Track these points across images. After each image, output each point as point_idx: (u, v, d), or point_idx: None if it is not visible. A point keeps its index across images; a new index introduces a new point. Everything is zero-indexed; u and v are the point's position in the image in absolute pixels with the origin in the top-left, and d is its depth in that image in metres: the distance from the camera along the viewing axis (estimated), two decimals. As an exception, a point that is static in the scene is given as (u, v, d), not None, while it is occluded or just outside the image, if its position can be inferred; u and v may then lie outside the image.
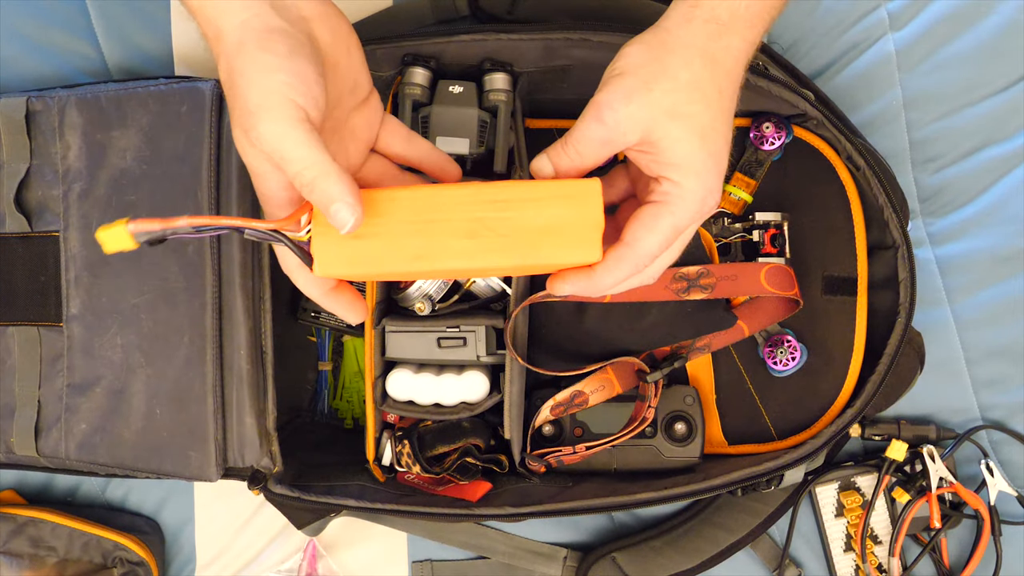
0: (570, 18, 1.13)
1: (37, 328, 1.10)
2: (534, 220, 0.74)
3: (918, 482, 1.15)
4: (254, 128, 0.70)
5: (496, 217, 0.74)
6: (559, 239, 0.74)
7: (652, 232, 0.75)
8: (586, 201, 0.74)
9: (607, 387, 1.10)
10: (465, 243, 0.74)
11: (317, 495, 1.06)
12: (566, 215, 0.74)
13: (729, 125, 0.77)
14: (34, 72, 1.22)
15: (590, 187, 0.75)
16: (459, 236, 0.74)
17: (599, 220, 0.74)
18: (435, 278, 1.01)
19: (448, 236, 0.74)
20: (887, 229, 1.05)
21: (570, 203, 0.74)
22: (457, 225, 0.74)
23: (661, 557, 1.16)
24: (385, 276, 0.79)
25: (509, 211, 0.74)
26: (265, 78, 0.69)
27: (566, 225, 0.74)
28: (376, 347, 1.07)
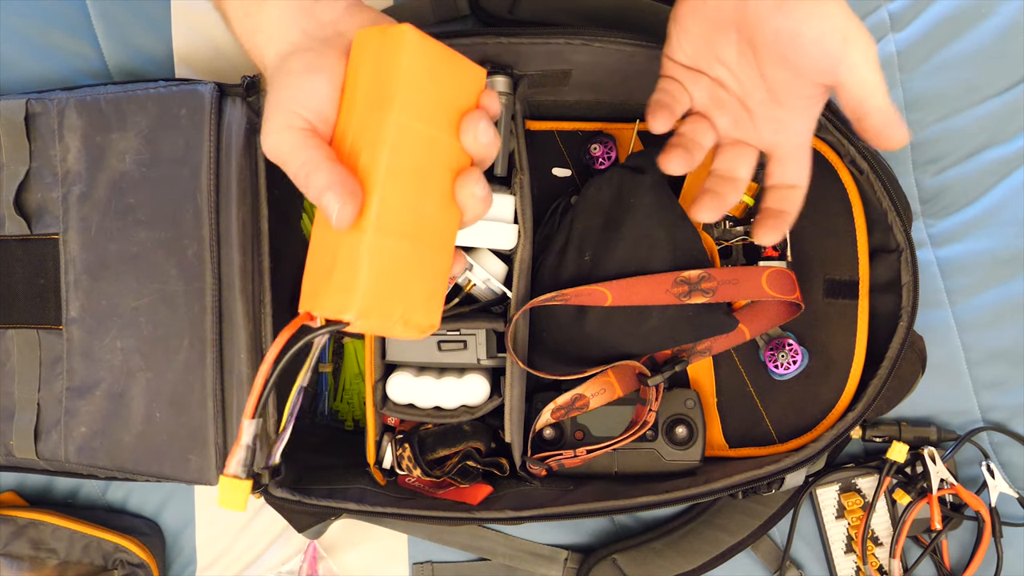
0: (571, 18, 1.13)
1: (36, 331, 1.10)
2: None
3: (919, 484, 1.15)
4: (262, 137, 0.74)
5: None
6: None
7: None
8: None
9: (608, 390, 1.10)
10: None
11: (318, 498, 1.06)
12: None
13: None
14: (34, 73, 1.21)
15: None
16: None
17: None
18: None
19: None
20: (890, 233, 1.05)
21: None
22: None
23: (662, 559, 1.16)
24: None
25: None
26: (276, 94, 0.74)
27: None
28: (376, 350, 1.07)
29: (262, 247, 1.07)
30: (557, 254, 1.08)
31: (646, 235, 1.05)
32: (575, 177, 1.16)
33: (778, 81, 0.82)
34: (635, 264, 1.05)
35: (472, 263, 1.07)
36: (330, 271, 0.72)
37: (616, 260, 1.05)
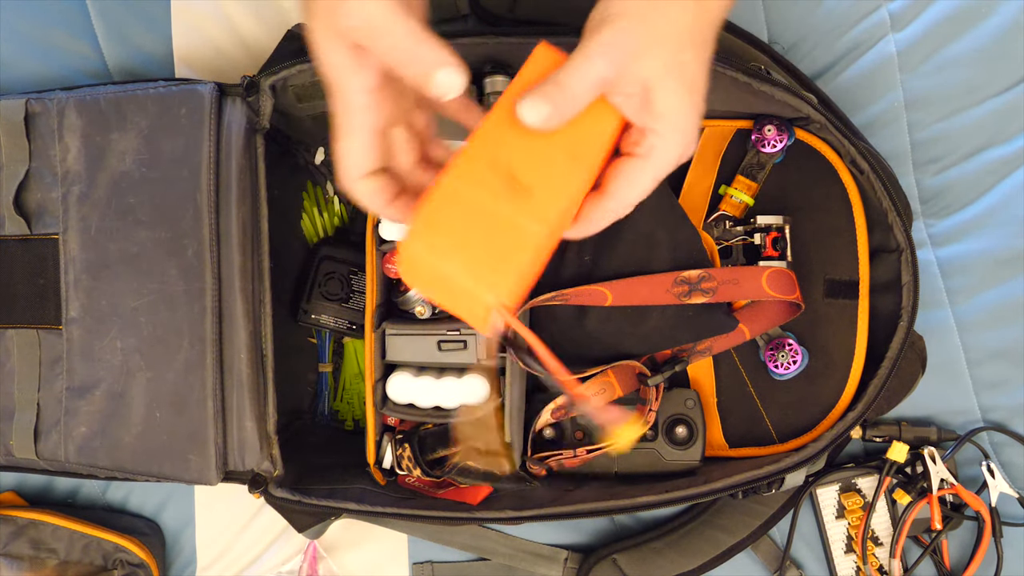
0: (571, 17, 1.13)
1: (36, 331, 1.10)
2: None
3: (919, 484, 1.15)
4: (345, 5, 0.68)
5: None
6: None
7: (635, 186, 0.75)
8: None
9: (608, 390, 1.10)
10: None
11: (318, 499, 1.06)
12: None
13: (706, 75, 0.75)
14: (34, 72, 1.21)
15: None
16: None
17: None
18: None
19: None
20: (891, 233, 1.05)
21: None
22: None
23: (662, 558, 1.16)
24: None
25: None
26: None
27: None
28: (376, 350, 1.07)
29: (262, 247, 1.07)
30: (557, 255, 1.07)
31: (646, 235, 1.04)
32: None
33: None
34: (635, 264, 1.05)
35: (472, 263, 1.07)
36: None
37: (616, 260, 1.05)
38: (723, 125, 1.10)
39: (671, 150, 0.74)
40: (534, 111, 0.70)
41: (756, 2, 1.19)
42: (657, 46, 0.71)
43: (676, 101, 0.72)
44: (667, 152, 0.74)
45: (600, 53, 0.70)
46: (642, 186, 0.75)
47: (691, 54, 0.72)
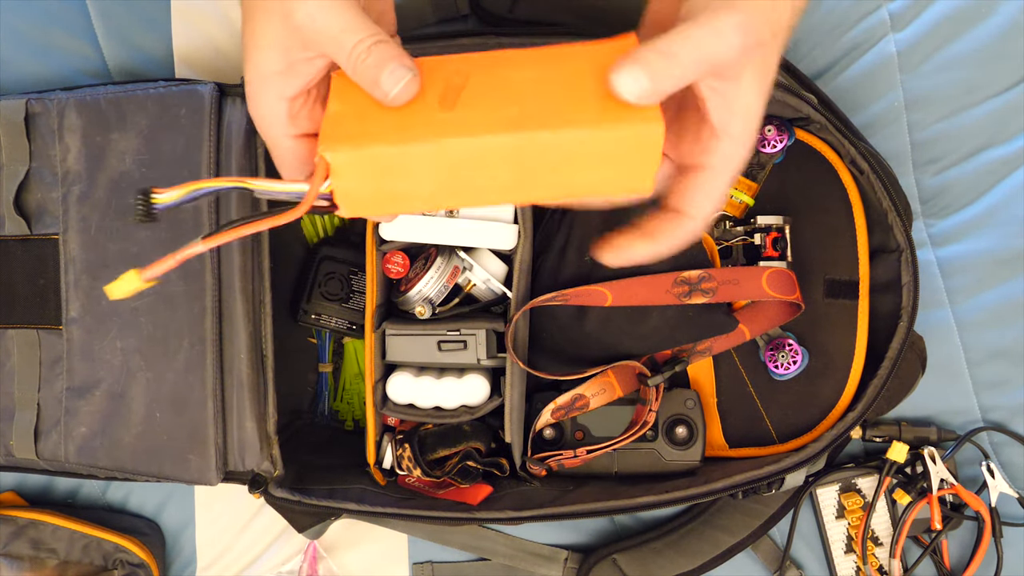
0: (572, 17, 1.13)
1: (36, 331, 1.10)
2: (583, 148, 0.65)
3: (919, 484, 1.15)
4: (293, 12, 0.66)
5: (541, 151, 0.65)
6: (610, 170, 0.66)
7: (711, 200, 0.70)
8: (646, 134, 0.64)
9: (608, 390, 1.10)
10: (503, 179, 0.66)
11: (318, 499, 1.06)
12: (620, 146, 0.65)
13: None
14: (34, 73, 1.21)
15: (653, 121, 0.64)
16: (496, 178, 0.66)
17: (657, 157, 0.66)
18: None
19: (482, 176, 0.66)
20: (891, 233, 1.05)
21: (627, 135, 0.64)
22: (496, 173, 0.66)
23: (662, 558, 1.16)
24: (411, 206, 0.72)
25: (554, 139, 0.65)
26: None
27: (619, 156, 0.65)
28: (376, 350, 1.07)
29: (262, 247, 1.07)
30: (557, 254, 1.08)
31: (646, 236, 1.04)
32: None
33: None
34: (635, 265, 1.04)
35: (472, 263, 1.07)
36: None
37: (616, 261, 1.05)
38: (723, 125, 1.10)
39: (738, 159, 0.69)
40: (633, 81, 0.64)
41: (756, 2, 1.19)
42: (768, 41, 0.66)
43: (752, 98, 0.67)
44: (735, 162, 0.69)
45: (711, 28, 0.64)
46: (716, 200, 0.70)
47: (775, 55, 0.68)
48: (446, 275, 1.07)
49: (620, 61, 0.64)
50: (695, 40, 0.64)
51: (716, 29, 0.64)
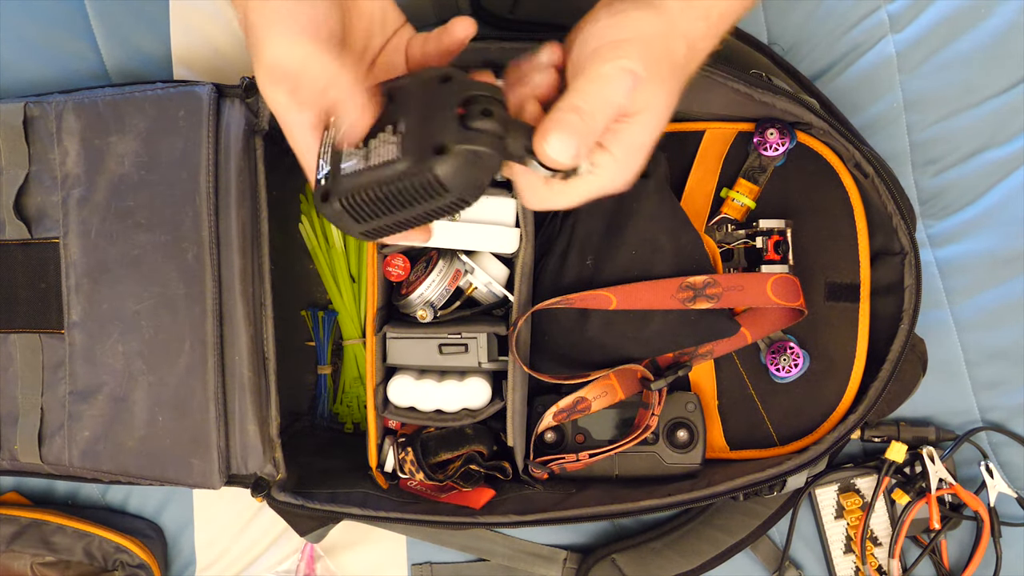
0: (573, 18, 1.13)
1: (39, 335, 1.09)
2: None
3: (918, 484, 1.15)
4: (264, 46, 0.70)
5: None
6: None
7: (566, 195, 0.73)
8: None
9: (610, 393, 1.10)
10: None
11: (320, 503, 1.06)
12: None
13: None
14: (32, 74, 1.21)
15: None
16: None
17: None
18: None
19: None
20: (895, 235, 1.05)
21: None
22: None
23: (661, 559, 1.17)
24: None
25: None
26: (266, 4, 0.70)
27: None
28: (377, 353, 1.07)
29: (262, 249, 1.07)
30: (559, 258, 1.08)
31: (649, 240, 1.04)
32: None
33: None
34: (638, 269, 1.05)
35: (474, 266, 1.07)
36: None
37: (619, 265, 1.05)
38: (725, 128, 1.10)
39: (616, 177, 0.73)
40: (564, 150, 0.69)
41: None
42: (663, 81, 0.72)
43: (648, 137, 0.73)
44: (611, 178, 0.73)
45: (626, 84, 0.70)
46: (570, 199, 0.74)
47: (675, 97, 0.74)
48: (448, 278, 1.06)
49: (541, 129, 0.69)
50: (592, 91, 0.70)
51: (602, 76, 0.70)
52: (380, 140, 0.70)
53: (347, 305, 1.19)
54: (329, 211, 0.70)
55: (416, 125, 0.69)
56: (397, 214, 0.70)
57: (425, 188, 0.68)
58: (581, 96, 0.70)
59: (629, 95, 0.70)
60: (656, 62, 0.71)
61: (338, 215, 0.70)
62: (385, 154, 0.69)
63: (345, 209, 0.70)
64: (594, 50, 0.71)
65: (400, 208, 0.70)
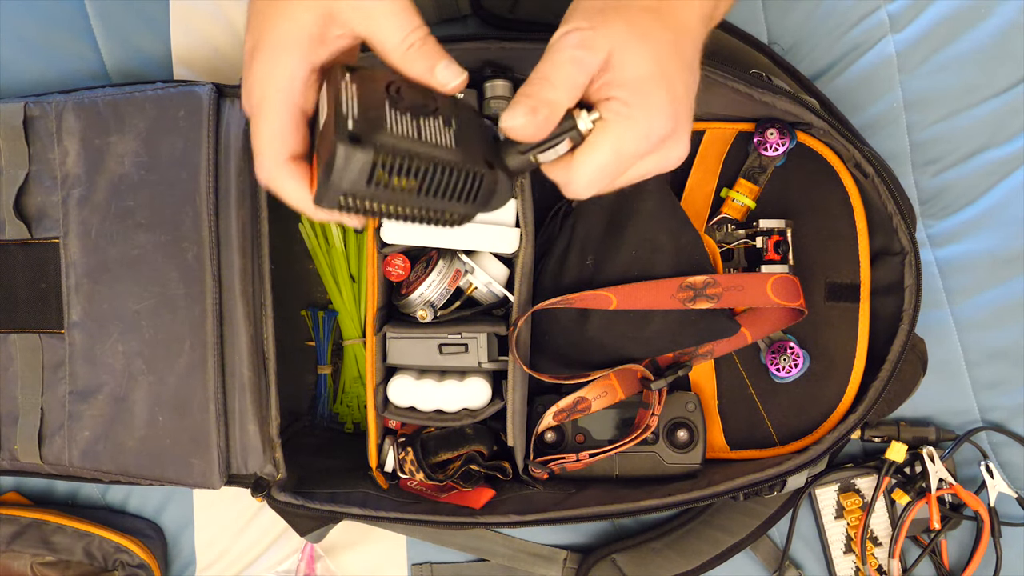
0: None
1: (39, 335, 1.09)
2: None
3: (918, 484, 1.15)
4: (346, 9, 0.69)
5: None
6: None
7: (592, 154, 0.71)
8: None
9: (610, 393, 1.10)
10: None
11: (321, 503, 1.06)
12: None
13: (693, 81, 0.73)
14: (32, 74, 1.21)
15: None
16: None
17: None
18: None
19: None
20: (895, 236, 1.05)
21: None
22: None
23: (661, 558, 1.17)
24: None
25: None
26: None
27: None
28: (377, 353, 1.07)
29: (262, 249, 1.07)
30: (559, 258, 1.08)
31: (649, 240, 1.04)
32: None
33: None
34: (638, 268, 1.05)
35: (474, 266, 1.07)
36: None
37: (619, 265, 1.05)
38: (725, 128, 1.10)
39: (636, 119, 0.70)
40: (514, 115, 0.69)
41: (756, 3, 1.19)
42: (626, 17, 0.69)
43: (643, 70, 0.69)
44: (630, 121, 0.70)
45: (563, 34, 0.69)
46: (594, 159, 0.71)
47: (667, 34, 0.71)
48: (448, 278, 1.06)
49: (503, 115, 0.69)
50: (543, 62, 0.69)
51: (551, 47, 0.69)
52: (432, 124, 0.68)
53: (347, 305, 1.19)
54: (347, 154, 0.65)
55: (465, 130, 0.69)
56: (404, 198, 0.68)
57: (463, 189, 0.68)
58: (535, 71, 0.69)
59: (576, 45, 0.68)
60: (600, 11, 0.69)
61: (354, 164, 0.65)
62: (439, 138, 0.68)
63: (372, 163, 0.66)
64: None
65: (422, 192, 0.68)
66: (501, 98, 1.04)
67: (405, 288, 1.09)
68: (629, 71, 0.69)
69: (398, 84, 0.71)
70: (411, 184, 0.67)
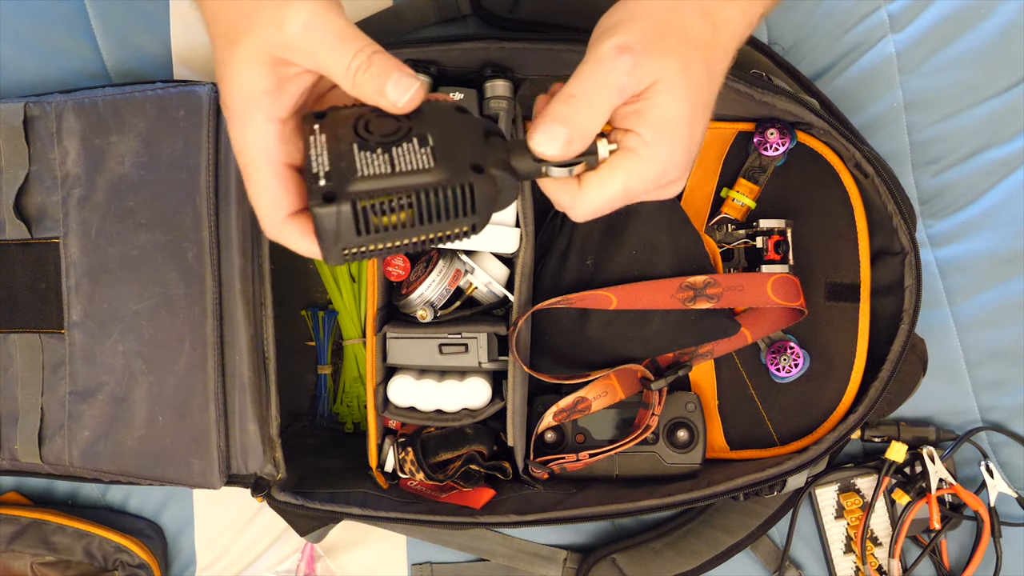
0: (573, 18, 1.13)
1: (39, 335, 1.09)
2: None
3: (918, 484, 1.15)
4: (287, 21, 0.65)
5: None
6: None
7: (601, 187, 0.70)
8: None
9: (610, 393, 1.10)
10: None
11: (321, 503, 1.06)
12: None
13: (709, 117, 0.72)
14: (32, 74, 1.21)
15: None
16: None
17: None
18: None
19: None
20: (895, 236, 1.05)
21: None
22: None
23: (661, 559, 1.17)
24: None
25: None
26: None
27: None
28: (377, 353, 1.07)
29: (262, 249, 1.07)
30: (559, 258, 1.08)
31: (649, 240, 1.05)
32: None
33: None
34: (638, 269, 1.05)
35: (474, 266, 1.07)
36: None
37: (619, 265, 1.05)
38: (725, 128, 1.10)
39: (653, 161, 0.69)
40: (550, 140, 0.67)
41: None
42: (672, 49, 0.68)
43: (677, 111, 0.68)
44: (647, 162, 0.69)
45: (614, 58, 0.66)
46: (609, 191, 0.70)
47: (703, 69, 0.69)
48: (448, 278, 1.06)
49: (532, 127, 0.67)
50: (593, 77, 0.67)
51: (600, 59, 0.67)
52: (405, 149, 0.66)
53: (347, 305, 1.19)
54: (327, 216, 0.64)
55: (443, 142, 0.67)
56: (403, 231, 0.66)
57: (456, 203, 0.66)
58: (574, 82, 0.68)
59: (627, 72, 0.66)
60: (658, 35, 0.68)
61: (339, 222, 0.65)
62: (416, 162, 0.66)
63: (355, 214, 0.65)
64: (596, 37, 0.69)
65: (420, 221, 0.66)
66: (501, 98, 1.04)
67: (405, 288, 1.09)
68: (662, 111, 0.68)
69: (366, 118, 0.68)
70: (405, 217, 0.66)
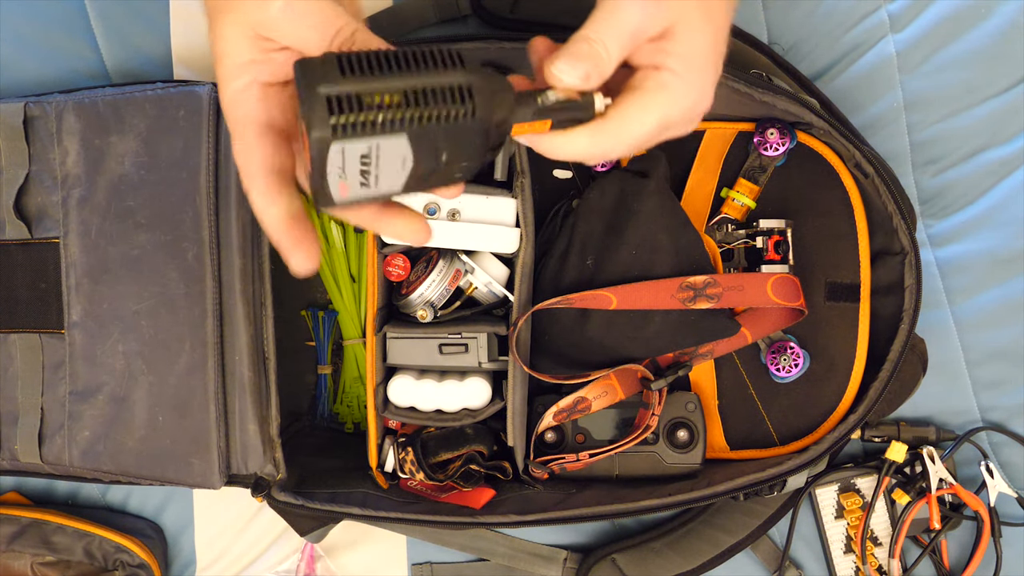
0: (573, 18, 1.12)
1: (39, 335, 1.09)
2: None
3: (918, 483, 1.15)
4: (267, 4, 0.64)
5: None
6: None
7: (634, 121, 0.69)
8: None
9: (610, 393, 1.10)
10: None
11: (321, 503, 1.06)
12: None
13: (727, 44, 0.72)
14: (33, 74, 1.21)
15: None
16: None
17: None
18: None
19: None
20: (895, 236, 1.05)
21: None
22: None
23: (661, 559, 1.17)
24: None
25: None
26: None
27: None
28: (377, 353, 1.07)
29: (262, 249, 1.07)
30: (559, 258, 1.08)
31: (649, 240, 1.04)
32: (576, 179, 1.15)
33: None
34: (638, 269, 1.05)
35: (474, 266, 1.07)
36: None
37: (619, 265, 1.05)
38: (725, 127, 1.10)
39: (686, 92, 0.69)
40: (571, 69, 0.66)
41: (756, 3, 1.19)
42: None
43: (702, 43, 0.68)
44: (681, 93, 0.69)
45: (634, 14, 0.66)
46: (648, 123, 0.69)
47: (722, 2, 0.70)
48: (448, 278, 1.06)
49: (550, 58, 0.67)
50: (607, 20, 0.66)
51: (612, 2, 0.66)
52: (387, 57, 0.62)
53: (347, 305, 1.19)
54: (310, 59, 0.61)
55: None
56: (391, 77, 0.61)
57: (444, 58, 0.63)
58: (591, 25, 0.67)
59: (643, 14, 0.66)
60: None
61: (323, 62, 0.61)
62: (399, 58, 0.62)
63: (339, 58, 0.60)
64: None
65: (410, 102, 0.61)
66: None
67: (405, 288, 1.09)
68: (689, 46, 0.68)
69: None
70: (394, 98, 0.61)
